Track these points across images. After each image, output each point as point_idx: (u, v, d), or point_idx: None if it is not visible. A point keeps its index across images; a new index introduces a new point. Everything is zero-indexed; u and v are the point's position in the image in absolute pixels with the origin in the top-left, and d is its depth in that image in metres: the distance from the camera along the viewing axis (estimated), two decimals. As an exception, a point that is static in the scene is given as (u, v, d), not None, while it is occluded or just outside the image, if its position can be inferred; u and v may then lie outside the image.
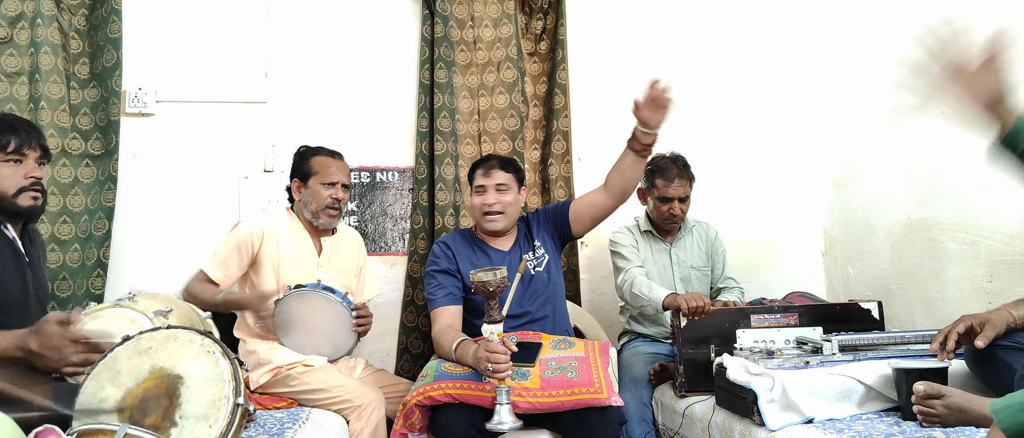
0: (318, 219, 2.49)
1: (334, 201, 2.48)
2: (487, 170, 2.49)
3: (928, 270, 2.60)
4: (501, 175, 2.47)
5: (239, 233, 2.44)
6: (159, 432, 1.39)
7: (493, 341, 1.96)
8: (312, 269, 2.48)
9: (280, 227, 2.49)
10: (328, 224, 2.52)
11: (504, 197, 2.47)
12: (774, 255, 3.25)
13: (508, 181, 2.48)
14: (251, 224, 2.47)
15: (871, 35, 2.91)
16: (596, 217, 2.52)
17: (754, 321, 2.34)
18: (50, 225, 2.81)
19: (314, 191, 2.47)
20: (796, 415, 1.85)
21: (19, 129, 1.82)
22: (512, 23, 3.13)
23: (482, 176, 2.49)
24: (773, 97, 3.28)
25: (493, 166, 2.49)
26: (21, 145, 1.80)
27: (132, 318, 1.80)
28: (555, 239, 2.57)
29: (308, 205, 2.49)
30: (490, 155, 2.62)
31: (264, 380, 2.35)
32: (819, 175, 3.26)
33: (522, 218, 2.62)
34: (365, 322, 2.45)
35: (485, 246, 2.52)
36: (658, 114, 2.27)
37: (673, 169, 2.68)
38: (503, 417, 1.93)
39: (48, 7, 2.86)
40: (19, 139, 1.80)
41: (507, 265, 2.40)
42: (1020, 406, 1.18)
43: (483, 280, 1.93)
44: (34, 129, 1.86)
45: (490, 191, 2.46)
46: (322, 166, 2.50)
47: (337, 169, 2.51)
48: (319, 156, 2.53)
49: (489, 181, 2.47)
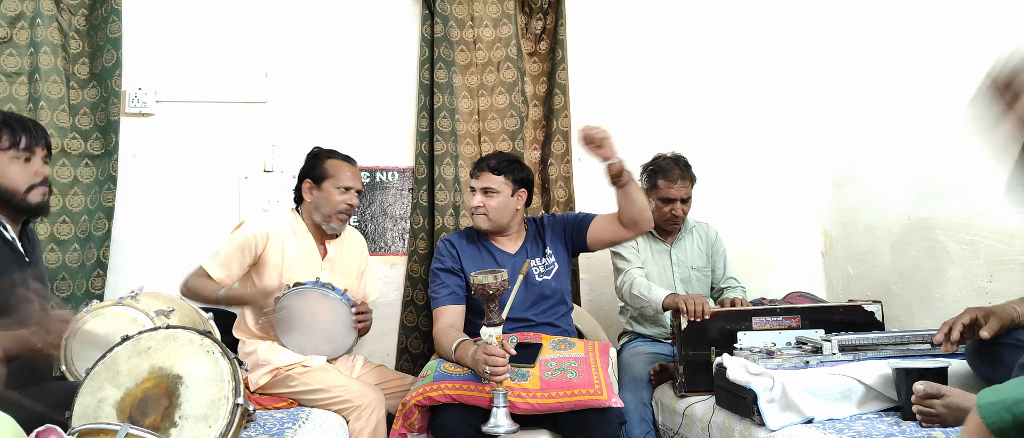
0: (329, 223, 2.48)
1: (348, 207, 2.47)
2: (477, 172, 2.51)
3: (928, 270, 2.60)
4: (489, 178, 2.47)
5: (243, 234, 2.42)
6: (159, 432, 1.39)
7: (491, 344, 1.96)
8: (315, 272, 2.46)
9: (284, 229, 2.47)
10: (337, 229, 2.51)
11: (490, 200, 2.46)
12: (774, 255, 3.25)
13: (497, 184, 2.46)
14: (256, 226, 2.45)
15: (871, 35, 2.91)
16: (615, 241, 2.55)
17: (755, 324, 2.34)
18: (49, 225, 2.81)
19: (328, 195, 2.46)
20: (796, 415, 1.85)
21: (28, 127, 1.84)
22: (512, 23, 3.13)
23: (473, 178, 2.53)
24: (773, 97, 3.28)
25: (483, 168, 2.50)
26: (31, 143, 1.83)
27: (133, 317, 1.80)
28: (568, 248, 2.56)
29: (320, 208, 2.47)
30: (489, 155, 2.62)
31: (264, 381, 2.35)
32: (819, 175, 3.26)
33: (533, 219, 2.61)
34: (365, 319, 2.44)
35: (491, 246, 2.52)
36: (602, 149, 2.25)
37: (675, 170, 2.68)
38: (500, 421, 1.93)
39: (48, 7, 2.86)
40: (29, 137, 1.83)
41: (512, 267, 2.39)
42: (1006, 405, 1.16)
43: (483, 282, 1.92)
44: (40, 128, 1.89)
45: (477, 193, 2.48)
46: (337, 170, 2.48)
47: (351, 175, 2.50)
48: (334, 160, 2.51)
49: (477, 184, 2.49)
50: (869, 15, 2.93)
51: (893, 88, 2.78)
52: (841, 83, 3.11)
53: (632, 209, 2.36)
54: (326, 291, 2.37)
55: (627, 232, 2.45)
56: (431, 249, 3.03)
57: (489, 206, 2.45)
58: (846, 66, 3.07)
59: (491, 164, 2.49)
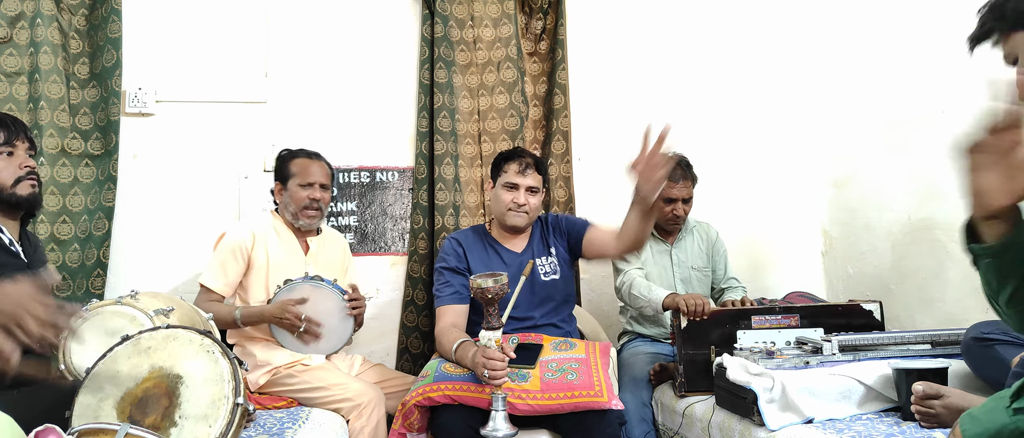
0: (298, 220, 2.51)
1: (312, 201, 2.50)
2: (523, 168, 2.45)
3: (928, 270, 2.60)
4: (534, 178, 2.45)
5: (230, 240, 2.46)
6: (159, 432, 1.39)
7: (491, 348, 1.96)
8: (300, 268, 2.49)
9: (266, 229, 2.52)
10: (308, 225, 2.54)
11: (532, 199, 2.46)
12: (774, 255, 3.25)
13: (539, 184, 2.48)
14: (238, 230, 2.49)
15: (871, 35, 2.91)
16: (602, 257, 2.53)
17: (755, 322, 2.34)
18: (50, 225, 2.81)
19: (293, 193, 2.49)
20: (796, 415, 1.85)
21: (6, 122, 1.85)
22: (512, 23, 3.13)
23: (517, 173, 2.45)
24: (773, 97, 3.28)
25: (529, 165, 2.45)
26: (10, 137, 1.84)
27: (133, 316, 1.80)
28: (568, 251, 2.56)
29: (288, 207, 2.51)
30: (523, 151, 2.55)
31: (263, 381, 2.36)
32: (819, 175, 3.26)
33: (538, 218, 2.60)
34: (358, 304, 2.44)
35: (498, 246, 2.52)
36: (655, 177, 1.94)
37: (676, 170, 2.68)
38: (498, 424, 1.93)
39: (48, 7, 2.86)
40: (7, 132, 1.84)
41: (518, 266, 2.38)
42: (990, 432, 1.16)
43: (482, 286, 1.92)
44: (19, 121, 1.90)
45: (522, 190, 2.44)
46: (300, 168, 2.52)
47: (316, 170, 2.53)
48: (298, 158, 2.55)
49: (523, 181, 2.44)
50: (869, 15, 2.93)
51: (893, 88, 2.78)
52: (841, 83, 3.11)
53: (642, 235, 2.21)
54: (317, 283, 2.39)
55: (618, 255, 2.47)
56: (431, 249, 3.03)
57: (532, 204, 2.45)
58: (846, 66, 3.07)
59: (533, 162, 2.47)
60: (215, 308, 2.36)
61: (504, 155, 2.54)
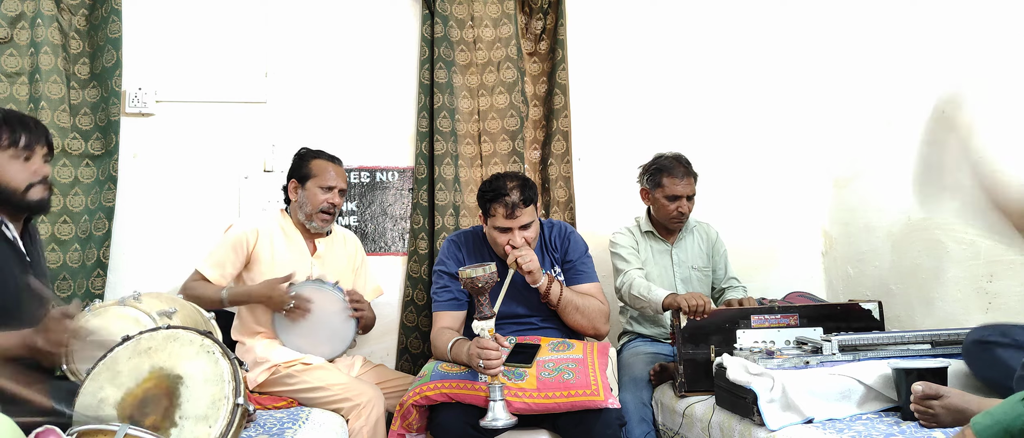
0: (311, 222, 2.52)
1: (330, 206, 2.50)
2: (510, 211, 2.29)
3: (928, 270, 2.60)
4: (525, 214, 2.32)
5: (234, 233, 2.47)
6: (159, 432, 1.39)
7: (484, 337, 1.97)
8: (305, 269, 2.49)
9: (273, 227, 2.52)
10: (320, 228, 2.54)
11: (528, 232, 2.35)
12: (774, 255, 3.25)
13: (532, 217, 2.36)
14: (245, 224, 2.50)
15: (872, 35, 2.91)
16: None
17: (754, 321, 2.34)
18: (50, 225, 2.81)
19: (311, 194, 2.49)
20: (796, 415, 1.85)
21: (29, 125, 1.84)
22: (512, 23, 3.13)
23: (504, 217, 2.30)
24: (773, 97, 3.28)
25: (517, 205, 2.28)
26: (32, 142, 1.82)
27: (135, 317, 1.80)
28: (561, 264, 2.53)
29: (303, 207, 2.51)
30: (504, 184, 2.33)
31: (262, 379, 2.36)
32: (819, 175, 3.26)
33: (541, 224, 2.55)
34: (360, 306, 2.45)
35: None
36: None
37: (679, 167, 2.68)
38: (497, 413, 1.94)
39: (48, 7, 2.86)
40: (29, 136, 1.82)
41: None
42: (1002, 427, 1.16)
43: (471, 276, 1.93)
44: (41, 126, 1.89)
45: (515, 232, 2.32)
46: (321, 170, 2.52)
47: (335, 174, 2.53)
48: (319, 160, 2.55)
49: (514, 223, 2.31)
50: (869, 15, 2.93)
51: (893, 88, 2.78)
52: (841, 83, 3.11)
53: (581, 317, 2.39)
54: (318, 285, 2.40)
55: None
56: (431, 249, 3.03)
57: (529, 238, 2.36)
58: (846, 66, 3.07)
59: (521, 198, 2.31)
60: (202, 288, 2.38)
61: (487, 196, 2.35)
